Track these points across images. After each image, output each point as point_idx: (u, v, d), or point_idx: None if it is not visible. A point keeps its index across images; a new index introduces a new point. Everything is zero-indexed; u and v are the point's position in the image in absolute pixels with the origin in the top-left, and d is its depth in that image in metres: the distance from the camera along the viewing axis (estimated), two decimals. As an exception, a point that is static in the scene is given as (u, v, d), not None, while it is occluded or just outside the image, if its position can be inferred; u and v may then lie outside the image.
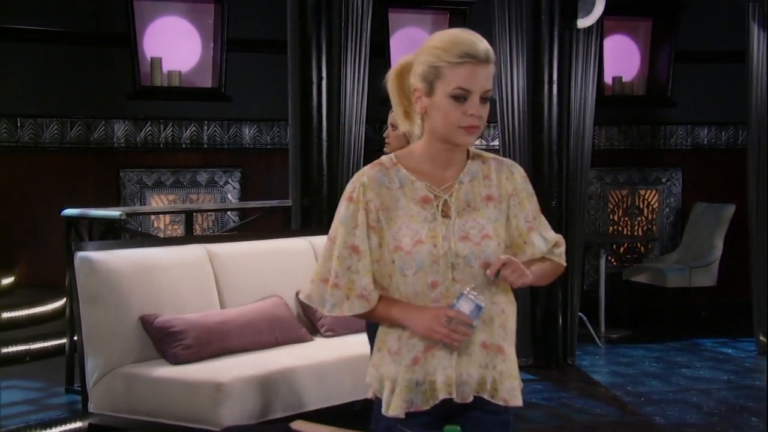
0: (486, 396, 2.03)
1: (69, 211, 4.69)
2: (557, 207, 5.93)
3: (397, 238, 2.00)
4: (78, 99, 6.75)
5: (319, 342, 4.45)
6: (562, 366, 6.00)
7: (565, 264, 2.14)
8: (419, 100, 2.02)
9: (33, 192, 6.61)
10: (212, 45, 7.18)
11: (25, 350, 5.47)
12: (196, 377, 3.79)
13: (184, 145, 7.05)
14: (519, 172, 2.10)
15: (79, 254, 4.05)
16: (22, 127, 6.65)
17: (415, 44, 8.11)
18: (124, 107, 6.88)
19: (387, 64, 7.43)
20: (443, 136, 2.00)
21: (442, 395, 2.00)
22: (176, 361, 3.94)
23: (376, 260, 2.02)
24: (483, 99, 1.98)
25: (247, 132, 7.24)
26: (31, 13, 6.62)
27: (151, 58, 6.97)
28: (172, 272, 4.21)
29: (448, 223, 2.01)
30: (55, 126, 6.73)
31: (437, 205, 2.02)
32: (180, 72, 7.07)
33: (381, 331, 2.08)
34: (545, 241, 2.10)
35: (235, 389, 3.71)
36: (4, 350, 5.40)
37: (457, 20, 7.68)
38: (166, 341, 3.98)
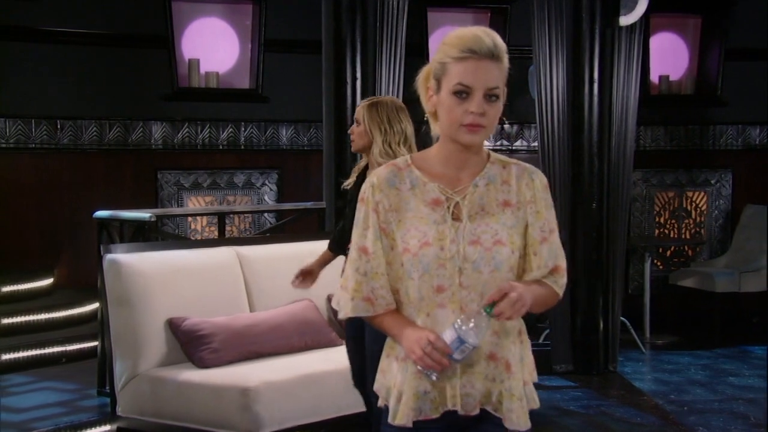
0: (490, 409, 1.98)
1: (100, 213, 4.73)
2: (598, 209, 5.82)
3: (405, 240, 1.96)
4: (116, 101, 6.82)
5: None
6: (603, 373, 5.88)
7: (561, 296, 2.07)
8: (431, 98, 1.99)
9: (72, 193, 6.70)
10: (250, 46, 7.20)
11: (62, 352, 5.54)
12: (223, 381, 3.78)
13: (221, 147, 7.08)
14: (540, 180, 2.04)
15: (108, 256, 4.08)
16: (61, 129, 6.74)
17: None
18: (161, 109, 6.94)
19: (425, 64, 7.39)
20: (449, 134, 1.97)
21: (448, 405, 1.96)
22: (203, 364, 3.94)
23: (388, 263, 1.99)
24: (489, 97, 1.93)
25: (284, 133, 7.25)
26: (69, 15, 6.70)
27: (189, 60, 7.02)
28: (201, 275, 4.21)
29: (459, 226, 1.96)
30: (94, 128, 6.81)
31: (448, 207, 1.97)
32: (217, 73, 7.11)
33: (390, 337, 2.04)
34: (553, 259, 2.02)
35: (263, 394, 3.69)
36: (42, 351, 5.47)
37: (498, 19, 7.61)
38: (193, 345, 3.98)
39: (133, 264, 4.07)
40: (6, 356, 5.29)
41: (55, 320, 5.81)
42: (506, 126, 7.63)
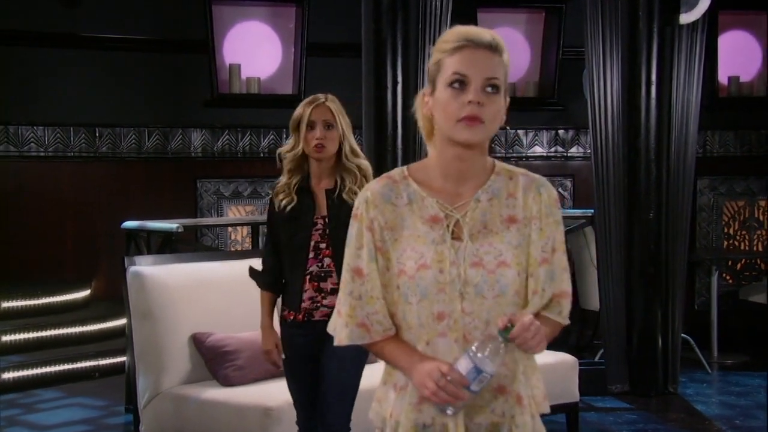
0: None
1: (128, 224, 4.74)
2: (655, 219, 5.65)
3: (401, 261, 1.85)
4: (155, 108, 6.87)
5: (380, 365, 4.32)
6: (662, 394, 5.69)
7: (567, 323, 1.93)
8: (427, 103, 1.89)
9: (110, 203, 6.76)
10: (292, 50, 7.19)
11: (95, 366, 5.56)
12: (245, 401, 3.72)
13: (262, 155, 7.08)
14: (548, 193, 1.90)
15: (132, 269, 4.05)
16: (100, 137, 6.81)
17: (508, 46, 7.89)
18: (201, 116, 6.96)
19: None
20: (446, 134, 1.84)
21: None
22: (227, 382, 3.89)
23: (384, 285, 1.88)
24: (489, 88, 1.81)
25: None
26: (107, 21, 6.78)
27: (230, 65, 7.04)
28: (228, 288, 4.16)
29: (459, 246, 1.84)
30: (133, 135, 6.87)
31: (447, 226, 1.85)
32: (259, 79, 7.11)
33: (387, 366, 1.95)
34: (552, 283, 1.88)
35: (285, 414, 3.61)
36: (73, 366, 5.51)
37: (553, 19, 7.49)
38: (217, 361, 3.93)
39: (157, 276, 4.04)
40: (36, 371, 5.33)
41: (89, 333, 5.84)
42: (519, 130, 7.45)
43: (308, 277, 3.23)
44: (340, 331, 1.91)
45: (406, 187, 1.89)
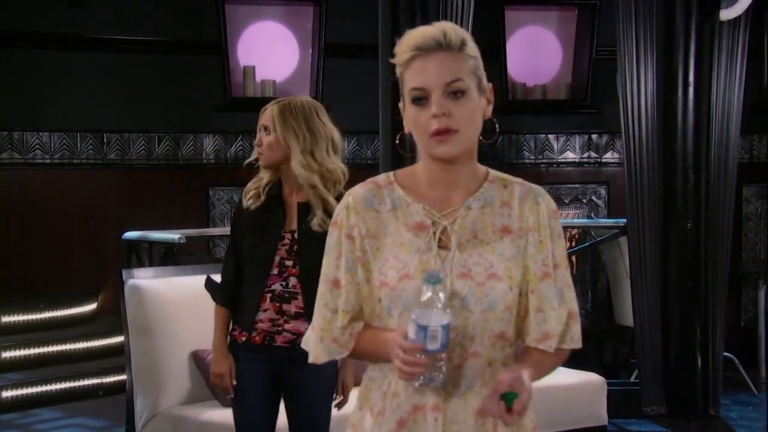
0: None
1: (129, 234, 4.73)
2: (693, 229, 5.55)
3: (383, 271, 1.80)
4: (165, 113, 6.87)
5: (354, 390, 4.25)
6: (702, 417, 5.58)
7: (579, 346, 1.86)
8: (404, 117, 1.84)
9: (119, 212, 6.75)
10: (310, 51, 7.16)
11: (98, 384, 5.55)
12: (245, 423, 3.67)
13: (276, 161, 7.04)
14: (546, 204, 1.85)
15: (130, 282, 4.04)
16: (108, 144, 6.82)
17: (538, 46, 7.83)
18: (213, 120, 6.95)
19: (503, 68, 7.22)
20: (424, 150, 1.81)
21: None
22: (227, 403, 3.83)
23: (364, 298, 1.84)
24: (452, 93, 1.76)
25: (346, 145, 7.16)
26: (115, 22, 6.79)
27: (244, 67, 7.03)
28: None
29: (446, 255, 1.79)
30: (142, 141, 6.87)
31: (434, 233, 1.80)
32: (274, 81, 7.09)
33: (364, 384, 1.89)
34: (557, 301, 1.82)
35: (287, 436, 3.56)
36: (77, 384, 5.49)
37: (586, 17, 7.42)
38: (218, 380, 3.89)
39: (157, 290, 4.02)
40: (36, 389, 5.32)
41: (94, 349, 5.83)
42: (549, 135, 7.35)
43: (269, 295, 3.05)
44: (315, 347, 1.86)
45: (391, 192, 1.84)
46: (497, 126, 1.91)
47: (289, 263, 3.05)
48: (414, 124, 1.79)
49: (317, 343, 1.86)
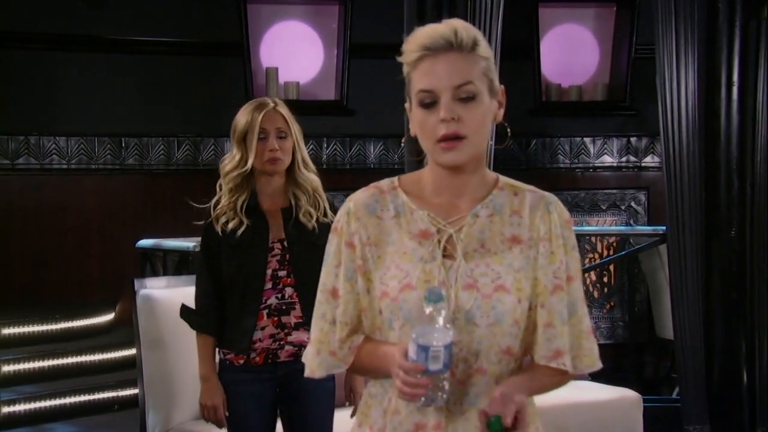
0: None
1: (143, 242, 4.70)
2: (738, 238, 5.42)
3: (384, 281, 1.76)
4: (185, 116, 6.87)
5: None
6: (749, 437, 5.46)
7: (596, 367, 1.80)
8: (410, 120, 1.80)
9: (137, 219, 6.76)
10: (335, 52, 7.13)
11: (114, 398, 5.52)
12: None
13: (300, 166, 7.02)
14: (559, 213, 1.80)
15: (142, 292, 4.00)
16: (126, 148, 6.83)
17: (574, 44, 7.72)
18: (235, 124, 6.92)
19: (536, 68, 7.14)
20: (431, 157, 1.77)
21: None
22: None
23: (364, 309, 1.80)
24: (462, 98, 1.72)
25: (372, 150, 7.13)
26: (134, 22, 6.81)
27: (267, 69, 7.02)
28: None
29: (451, 265, 1.75)
30: (162, 146, 6.87)
31: (439, 241, 1.76)
32: (298, 83, 7.07)
33: (364, 400, 1.85)
34: (573, 318, 1.77)
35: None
36: (92, 397, 5.47)
37: (625, 13, 7.34)
38: (234, 395, 3.85)
39: (170, 300, 3.95)
40: (50, 402, 5.31)
41: (110, 362, 5.81)
42: (585, 138, 7.25)
43: (265, 311, 2.97)
44: (312, 360, 1.82)
45: (394, 198, 1.81)
46: (509, 131, 1.86)
47: (283, 273, 2.99)
48: (420, 127, 1.75)
49: (314, 356, 1.82)
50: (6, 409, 5.18)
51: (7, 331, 5.79)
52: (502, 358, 1.75)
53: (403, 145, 2.00)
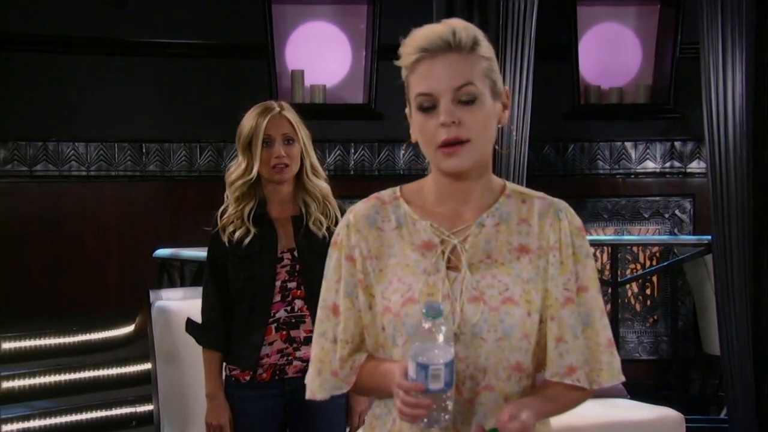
0: None
1: (160, 252, 4.70)
2: (790, 248, 5.36)
3: (386, 295, 1.75)
4: (208, 120, 6.87)
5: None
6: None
7: (619, 380, 1.76)
8: (410, 125, 1.80)
9: (159, 227, 6.78)
10: (364, 53, 7.12)
11: (132, 413, 5.51)
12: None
13: (327, 172, 6.93)
14: (570, 220, 1.78)
15: (157, 304, 3.99)
16: (147, 154, 6.85)
17: (614, 44, 7.62)
18: (259, 129, 6.92)
19: (574, 69, 7.08)
20: (432, 162, 1.76)
21: None
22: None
23: (366, 326, 1.78)
24: (463, 100, 1.70)
25: (402, 155, 7.10)
26: (155, 23, 6.83)
27: (292, 71, 7.02)
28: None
29: (456, 277, 1.73)
30: (183, 152, 6.89)
31: (443, 252, 1.74)
32: (324, 86, 7.06)
33: (368, 422, 1.85)
34: (588, 330, 1.74)
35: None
36: (109, 413, 5.46)
37: (670, 12, 7.26)
38: (252, 413, 3.83)
39: (185, 312, 3.89)
40: (66, 418, 5.30)
41: (129, 376, 5.79)
42: (627, 143, 7.18)
43: (273, 325, 2.95)
44: (312, 381, 1.81)
45: (396, 208, 1.80)
46: (514, 134, 1.84)
47: (292, 285, 2.97)
48: (420, 133, 1.74)
49: (315, 377, 1.81)
50: (20, 425, 5.20)
51: (24, 344, 5.81)
52: (512, 374, 1.72)
53: (404, 152, 1.97)
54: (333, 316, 1.79)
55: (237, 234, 2.98)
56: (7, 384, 5.41)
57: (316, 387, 1.80)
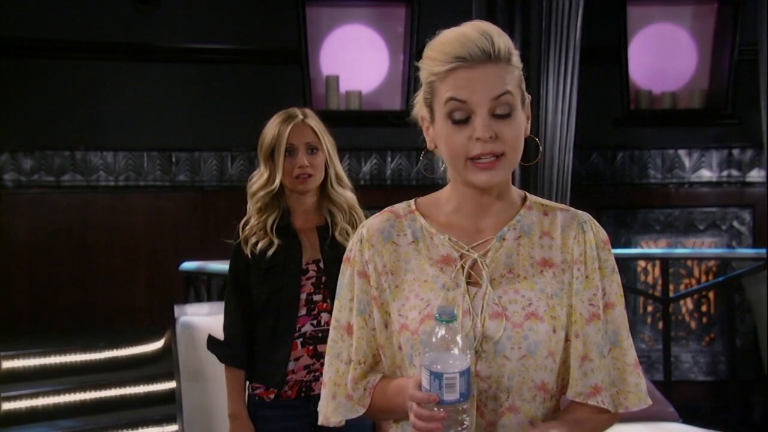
0: None
1: (186, 265, 4.71)
2: None
3: (402, 312, 1.73)
4: (238, 129, 6.89)
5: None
6: None
7: (645, 404, 1.73)
8: (428, 131, 1.79)
9: (188, 239, 6.81)
10: (401, 58, 7.11)
11: (159, 433, 5.55)
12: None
13: (363, 182, 7.00)
14: (595, 233, 1.76)
15: (182, 319, 4.00)
16: (177, 164, 6.89)
17: (667, 46, 7.53)
18: (292, 137, 6.95)
19: (624, 73, 7.01)
20: (458, 175, 1.74)
21: None
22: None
23: (381, 345, 1.77)
24: (501, 109, 1.68)
25: (441, 164, 7.04)
26: (186, 28, 6.87)
27: (327, 77, 7.03)
28: (294, 344, 4.06)
29: (476, 292, 1.71)
30: (214, 161, 6.92)
31: (462, 267, 1.72)
32: (360, 92, 7.07)
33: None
34: (615, 350, 1.72)
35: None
36: None
37: (728, 12, 7.18)
38: (278, 434, 3.82)
39: (211, 328, 3.92)
40: (88, 438, 5.35)
41: (157, 394, 5.82)
42: (680, 150, 7.10)
43: (299, 340, 2.92)
44: (326, 405, 1.80)
45: (412, 222, 1.79)
46: (540, 145, 1.82)
47: (318, 298, 2.95)
48: (448, 143, 1.72)
49: (329, 400, 1.79)
50: (43, 445, 5.25)
51: (50, 360, 5.86)
52: (537, 395, 1.70)
53: (421, 159, 1.95)
54: (347, 336, 1.78)
55: (260, 245, 2.96)
56: (28, 402, 5.46)
57: (330, 411, 1.79)
